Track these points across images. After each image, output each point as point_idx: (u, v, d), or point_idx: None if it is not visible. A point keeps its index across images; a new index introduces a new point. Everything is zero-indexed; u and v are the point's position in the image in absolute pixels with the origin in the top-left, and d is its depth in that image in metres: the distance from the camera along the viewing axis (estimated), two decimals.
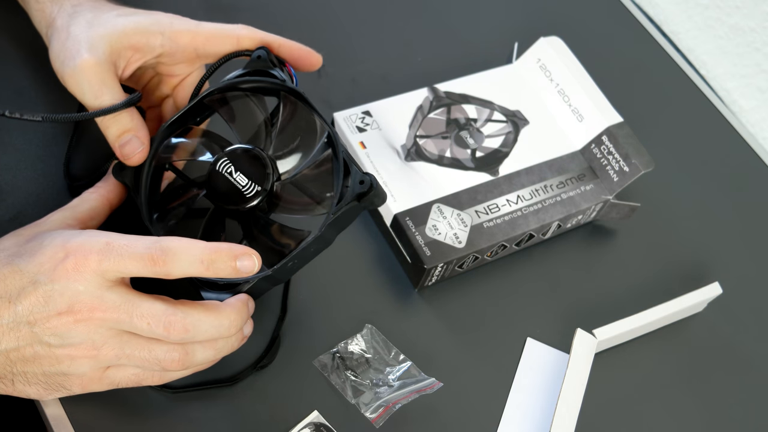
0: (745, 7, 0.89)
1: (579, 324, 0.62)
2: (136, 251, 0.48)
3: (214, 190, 0.55)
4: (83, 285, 0.47)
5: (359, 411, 0.58)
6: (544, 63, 0.73)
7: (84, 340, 0.48)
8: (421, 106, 0.70)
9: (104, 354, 0.49)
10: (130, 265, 0.48)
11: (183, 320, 0.49)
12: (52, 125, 0.65)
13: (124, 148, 0.56)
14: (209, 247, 0.49)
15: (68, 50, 0.57)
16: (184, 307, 0.49)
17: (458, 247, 0.63)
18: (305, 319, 0.61)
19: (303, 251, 0.53)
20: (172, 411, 0.55)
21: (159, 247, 0.48)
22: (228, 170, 0.54)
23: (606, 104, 0.71)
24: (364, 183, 0.53)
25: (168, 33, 0.58)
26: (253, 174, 0.54)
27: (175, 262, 0.48)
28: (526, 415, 0.60)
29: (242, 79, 0.57)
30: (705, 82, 0.88)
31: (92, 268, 0.47)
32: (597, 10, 0.89)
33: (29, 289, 0.47)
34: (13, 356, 0.48)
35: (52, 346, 0.48)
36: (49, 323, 0.47)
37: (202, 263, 0.48)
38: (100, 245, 0.48)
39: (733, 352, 0.68)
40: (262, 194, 0.54)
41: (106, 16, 0.58)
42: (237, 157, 0.55)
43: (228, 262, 0.49)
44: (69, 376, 0.50)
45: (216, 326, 0.50)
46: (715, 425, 0.64)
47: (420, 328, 0.63)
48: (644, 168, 0.67)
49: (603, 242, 0.71)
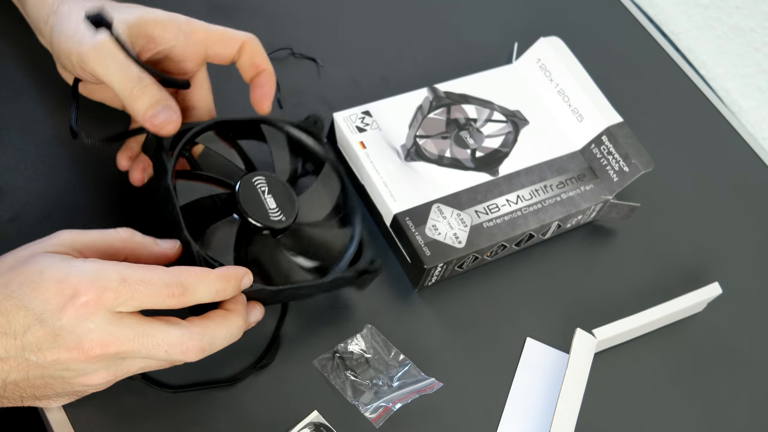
0: (745, 7, 0.89)
1: (579, 324, 0.62)
2: (155, 289, 0.46)
3: (244, 199, 0.56)
4: (94, 323, 0.45)
5: (359, 411, 0.58)
6: (544, 63, 0.73)
7: (98, 369, 0.47)
8: (421, 106, 0.70)
9: (120, 375, 0.49)
10: (147, 301, 0.46)
11: (200, 342, 0.48)
12: (52, 126, 0.65)
13: (156, 117, 0.54)
14: (222, 278, 0.49)
15: (84, 30, 0.55)
16: (198, 329, 0.49)
17: (458, 247, 0.63)
18: (305, 319, 0.61)
19: (299, 288, 0.55)
20: (172, 411, 0.55)
21: (178, 284, 0.47)
22: (262, 189, 0.57)
23: (606, 104, 0.71)
24: (374, 263, 0.58)
25: (184, 28, 0.58)
26: (281, 203, 0.57)
27: (192, 295, 0.48)
28: (525, 415, 0.60)
29: (298, 132, 0.62)
30: (705, 82, 0.88)
31: (106, 306, 0.45)
32: (597, 10, 0.89)
33: (36, 327, 0.45)
34: (23, 385, 0.47)
35: (64, 378, 0.47)
36: (58, 358, 0.46)
37: (216, 293, 0.49)
38: (115, 282, 0.45)
39: (732, 352, 0.68)
40: (285, 223, 0.56)
41: (120, 7, 0.58)
42: (273, 184, 0.57)
43: (235, 285, 0.50)
44: (83, 392, 0.50)
45: (228, 337, 0.50)
46: (715, 425, 0.64)
47: (420, 328, 0.63)
48: (644, 168, 0.67)
49: (603, 242, 0.71)
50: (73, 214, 0.61)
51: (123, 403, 0.55)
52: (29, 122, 0.64)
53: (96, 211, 0.61)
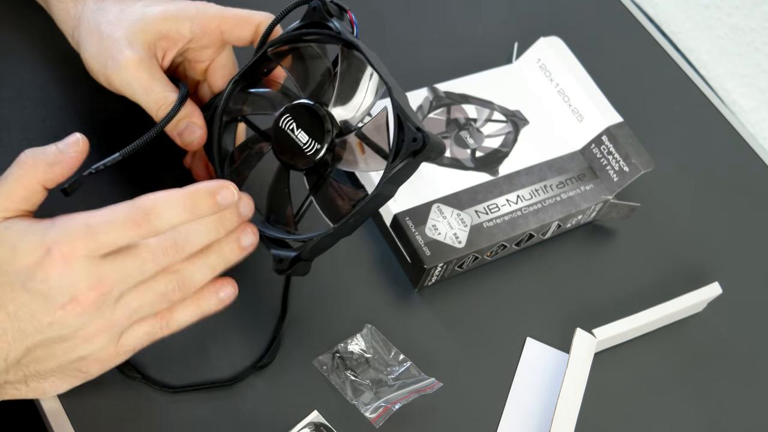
0: (745, 7, 0.89)
1: (578, 324, 0.62)
2: (118, 221, 0.47)
3: (279, 146, 0.55)
4: (78, 273, 0.46)
5: (359, 411, 0.58)
6: (544, 63, 0.73)
7: (95, 318, 0.47)
8: (421, 106, 0.70)
9: (117, 320, 0.48)
10: (117, 237, 0.47)
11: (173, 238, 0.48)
12: (53, 127, 0.65)
13: (183, 135, 0.58)
14: (186, 193, 0.48)
15: (107, 51, 0.57)
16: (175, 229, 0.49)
17: (458, 247, 0.63)
18: (305, 319, 0.61)
19: (363, 208, 0.54)
20: (172, 411, 0.55)
21: (138, 210, 0.47)
22: (290, 127, 0.55)
23: (606, 104, 0.71)
24: (416, 140, 0.52)
25: (196, 19, 0.59)
26: (313, 131, 0.55)
27: (158, 217, 0.47)
28: (525, 415, 0.60)
29: (300, 32, 0.57)
30: (705, 82, 0.88)
31: (82, 254, 0.46)
32: (597, 10, 0.89)
33: (24, 296, 0.46)
34: (25, 360, 0.48)
35: (64, 337, 0.47)
36: (54, 318, 0.46)
37: (185, 209, 0.48)
38: (81, 230, 0.46)
39: (732, 352, 0.68)
40: (320, 152, 0.54)
41: (133, 9, 0.59)
42: (299, 114, 0.55)
43: (208, 200, 0.49)
44: (86, 358, 0.49)
45: (205, 232, 0.49)
46: (715, 425, 0.64)
47: (420, 328, 0.63)
48: (644, 168, 0.67)
49: (603, 242, 0.71)
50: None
51: (123, 402, 0.55)
52: (29, 123, 0.64)
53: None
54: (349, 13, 0.58)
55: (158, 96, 0.57)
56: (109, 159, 0.54)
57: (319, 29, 0.57)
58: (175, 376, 0.56)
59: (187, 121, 0.57)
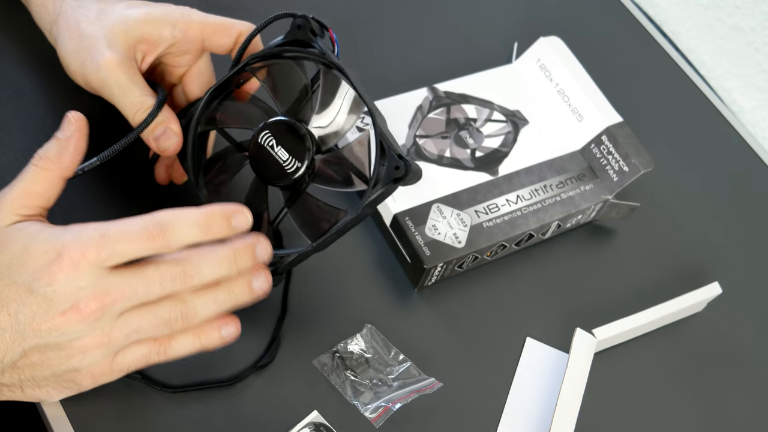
0: (745, 7, 0.89)
1: (578, 324, 0.62)
2: (133, 233, 0.47)
3: (257, 161, 0.55)
4: (84, 280, 0.46)
5: (359, 411, 0.58)
6: (543, 63, 0.73)
7: (93, 330, 0.47)
8: (420, 106, 0.70)
9: (115, 337, 0.48)
10: (130, 248, 0.47)
11: (183, 267, 0.48)
12: (53, 126, 0.65)
13: (159, 141, 0.57)
14: (203, 212, 0.48)
15: (86, 49, 0.57)
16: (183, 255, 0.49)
17: (458, 247, 0.63)
18: (305, 319, 0.61)
19: (341, 229, 0.54)
20: (172, 411, 0.55)
21: (155, 223, 0.47)
22: (270, 143, 0.55)
23: (606, 104, 0.71)
24: (399, 168, 0.53)
25: (179, 24, 0.58)
26: (293, 149, 0.55)
27: (173, 232, 0.47)
28: (525, 415, 0.60)
29: (282, 49, 0.57)
30: (705, 82, 0.88)
31: (91, 262, 0.46)
32: (597, 10, 0.89)
33: (27, 298, 0.46)
34: (21, 364, 0.48)
35: (60, 345, 0.47)
36: (53, 324, 0.46)
37: (200, 228, 0.48)
38: (95, 237, 0.46)
39: (732, 351, 0.68)
40: (300, 170, 0.55)
41: (114, 10, 0.58)
42: (279, 131, 0.55)
43: (223, 223, 0.49)
44: (80, 371, 0.49)
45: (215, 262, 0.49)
46: (715, 425, 0.64)
47: (420, 328, 0.63)
48: (644, 168, 0.67)
49: (603, 242, 0.71)
50: (73, 214, 0.61)
51: (123, 403, 0.55)
52: (29, 123, 0.64)
53: (96, 210, 0.61)
54: (330, 31, 0.58)
55: (136, 100, 0.56)
56: (87, 164, 0.53)
57: (303, 48, 0.57)
58: (175, 376, 0.56)
59: (164, 127, 0.57)
